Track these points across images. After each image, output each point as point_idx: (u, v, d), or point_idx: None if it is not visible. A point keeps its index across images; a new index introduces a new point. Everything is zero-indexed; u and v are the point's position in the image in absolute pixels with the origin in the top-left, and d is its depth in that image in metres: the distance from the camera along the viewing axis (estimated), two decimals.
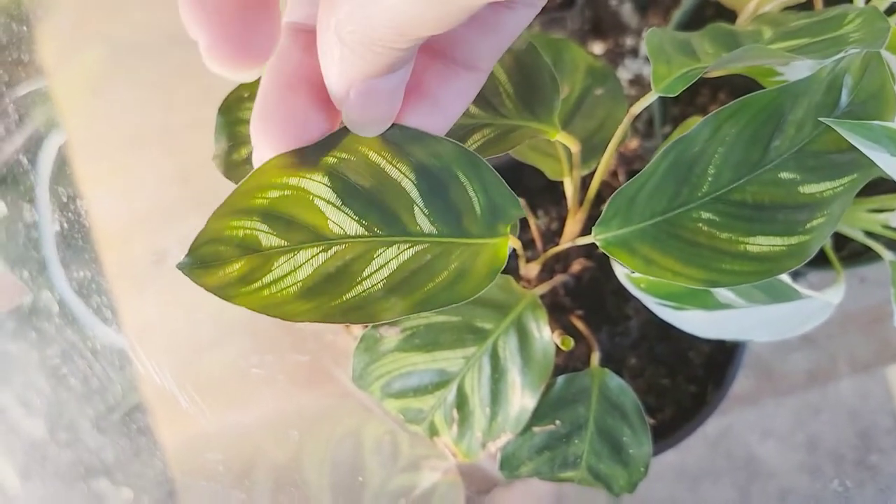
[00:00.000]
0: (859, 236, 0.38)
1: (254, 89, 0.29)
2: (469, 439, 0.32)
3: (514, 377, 0.31)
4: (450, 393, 0.31)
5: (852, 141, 0.23)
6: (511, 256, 0.24)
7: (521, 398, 0.31)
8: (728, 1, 0.43)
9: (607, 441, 0.33)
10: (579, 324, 0.39)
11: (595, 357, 0.35)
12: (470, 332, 0.31)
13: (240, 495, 0.43)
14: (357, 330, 0.40)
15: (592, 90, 0.35)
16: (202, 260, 0.20)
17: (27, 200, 0.46)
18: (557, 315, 0.40)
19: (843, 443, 0.59)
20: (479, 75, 0.21)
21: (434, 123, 0.21)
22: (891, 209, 0.37)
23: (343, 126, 0.20)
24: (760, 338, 0.37)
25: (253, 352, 0.46)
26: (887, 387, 0.59)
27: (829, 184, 0.24)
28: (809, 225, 0.24)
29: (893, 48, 0.28)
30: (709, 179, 0.24)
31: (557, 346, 0.31)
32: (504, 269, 0.22)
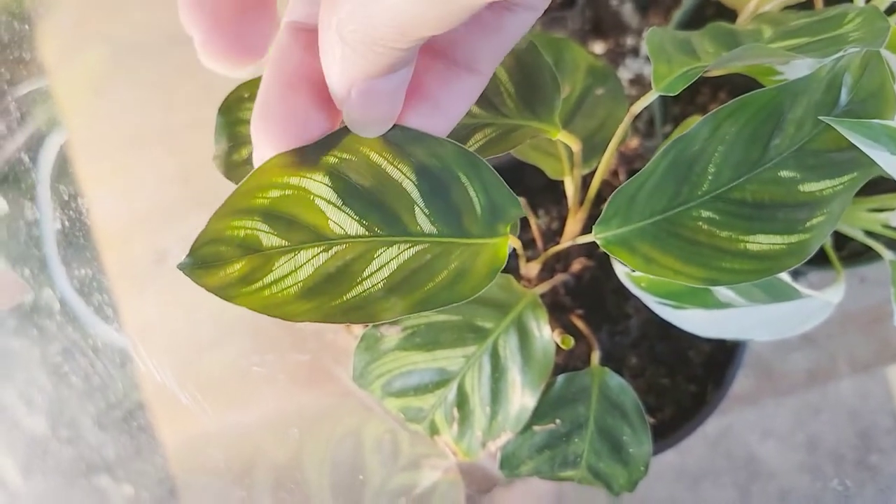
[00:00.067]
0: (859, 236, 0.38)
1: (253, 90, 0.29)
2: (469, 438, 0.32)
3: (515, 376, 0.31)
4: (450, 392, 0.32)
5: (852, 139, 0.23)
6: (511, 256, 0.24)
7: (522, 397, 0.31)
8: (728, 0, 0.43)
9: (607, 440, 0.33)
10: (579, 323, 0.39)
11: (595, 356, 0.35)
12: (470, 331, 0.31)
13: (240, 493, 0.43)
14: (358, 329, 0.40)
15: (593, 89, 0.35)
16: (203, 260, 0.20)
17: (28, 198, 0.46)
18: (558, 314, 0.40)
19: (843, 443, 0.59)
20: (481, 78, 0.21)
21: (436, 125, 0.21)
22: (891, 208, 0.37)
23: (344, 126, 0.20)
24: (760, 337, 0.37)
25: (253, 351, 0.46)
26: (887, 387, 0.59)
27: (829, 182, 0.24)
28: (809, 223, 0.24)
29: (893, 47, 0.28)
30: (709, 178, 0.24)
31: (557, 345, 0.31)
32: (504, 269, 0.23)
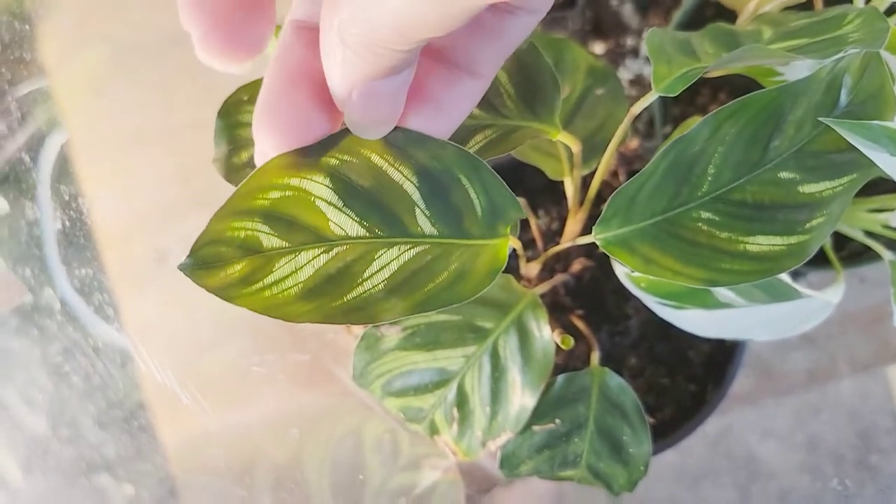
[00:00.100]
0: (859, 236, 0.39)
1: (253, 92, 0.29)
2: (469, 438, 0.32)
3: (515, 376, 0.31)
4: (450, 392, 0.32)
5: (852, 141, 0.23)
6: (511, 256, 0.24)
7: (522, 397, 0.31)
8: (728, 1, 0.43)
9: (607, 440, 0.33)
10: (579, 323, 0.39)
11: (595, 356, 0.35)
12: (470, 331, 0.31)
13: (240, 493, 0.43)
14: (358, 329, 0.40)
15: (593, 90, 0.35)
16: (204, 261, 0.20)
17: (29, 198, 0.46)
18: (557, 314, 0.40)
19: (843, 443, 0.59)
20: (483, 81, 0.21)
21: (437, 127, 0.21)
22: (891, 209, 0.37)
23: (345, 127, 0.20)
24: (760, 337, 0.37)
25: (253, 351, 0.46)
26: (887, 387, 0.59)
27: (829, 183, 0.24)
28: (809, 224, 0.24)
29: (893, 48, 0.28)
30: (708, 179, 0.24)
31: (557, 345, 0.31)
32: (505, 269, 0.23)
